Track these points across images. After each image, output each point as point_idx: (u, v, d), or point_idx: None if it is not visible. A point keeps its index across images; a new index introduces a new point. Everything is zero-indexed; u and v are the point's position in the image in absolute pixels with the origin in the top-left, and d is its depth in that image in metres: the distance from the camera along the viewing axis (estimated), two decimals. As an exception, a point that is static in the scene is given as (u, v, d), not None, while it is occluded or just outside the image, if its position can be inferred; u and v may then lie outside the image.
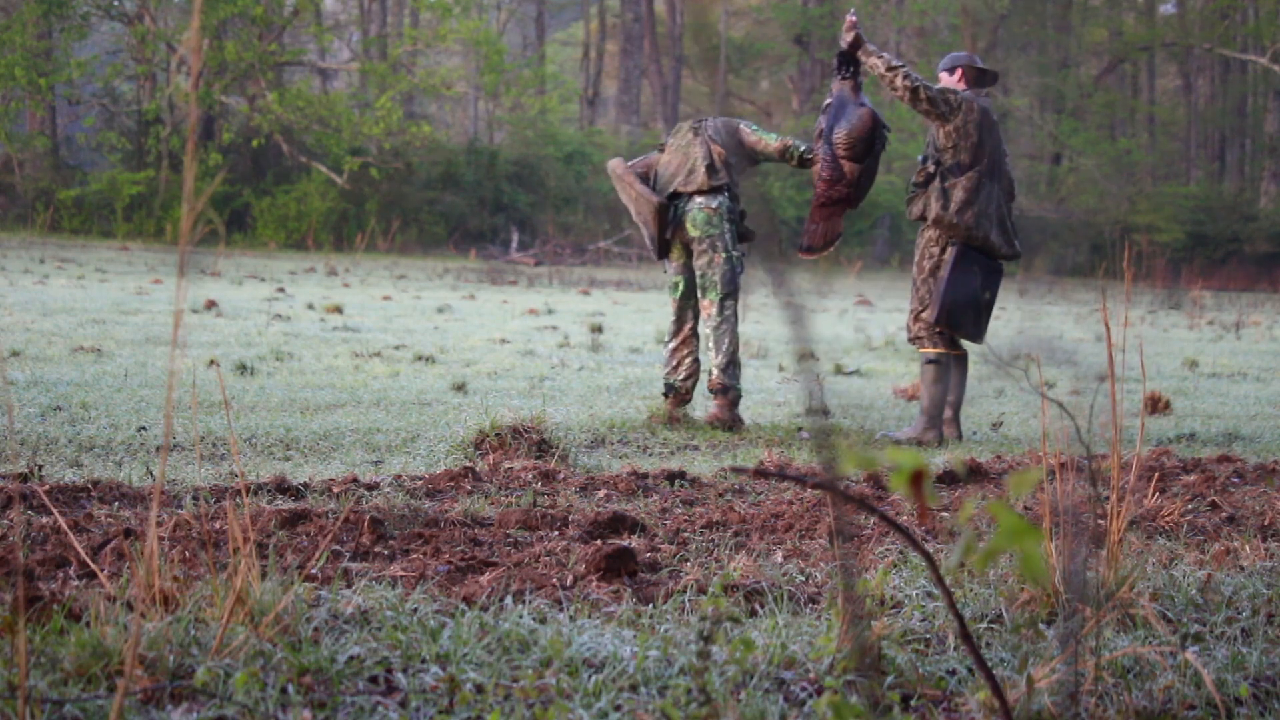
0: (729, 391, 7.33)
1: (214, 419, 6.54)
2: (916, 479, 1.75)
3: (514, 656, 2.79)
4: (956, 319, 7.18)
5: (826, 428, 3.15)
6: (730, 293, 7.37)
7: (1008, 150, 7.50)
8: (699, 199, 7.37)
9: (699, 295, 7.45)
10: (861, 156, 7.26)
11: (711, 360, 7.38)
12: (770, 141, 7.48)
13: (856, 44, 7.25)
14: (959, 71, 7.35)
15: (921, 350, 7.30)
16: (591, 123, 43.51)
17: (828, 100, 7.43)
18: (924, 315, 7.24)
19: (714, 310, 7.36)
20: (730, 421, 7.29)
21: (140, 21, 33.50)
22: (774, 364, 11.17)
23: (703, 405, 7.85)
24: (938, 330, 7.24)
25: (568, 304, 18.67)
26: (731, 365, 7.35)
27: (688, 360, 7.47)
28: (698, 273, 7.43)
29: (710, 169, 7.37)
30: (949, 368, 7.24)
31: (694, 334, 7.54)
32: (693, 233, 7.39)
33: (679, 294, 7.49)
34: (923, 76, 7.22)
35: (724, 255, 7.35)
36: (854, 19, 7.32)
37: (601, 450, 6.43)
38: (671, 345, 7.52)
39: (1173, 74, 48.26)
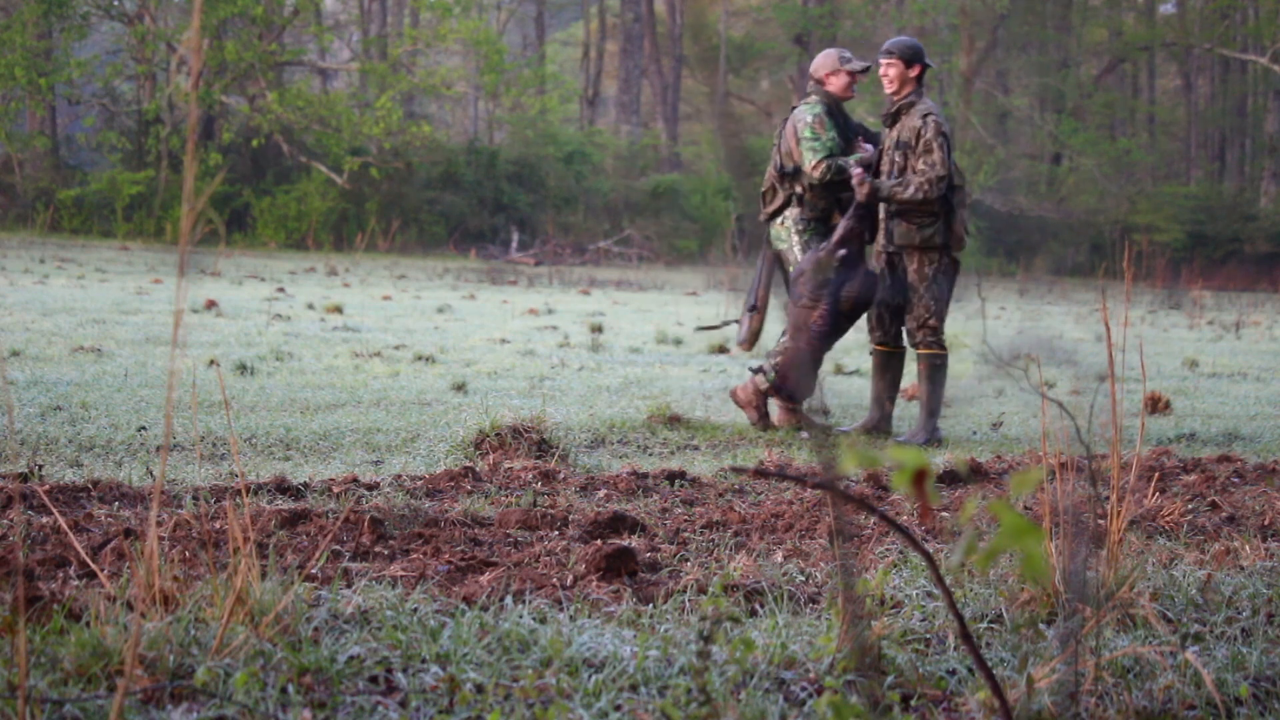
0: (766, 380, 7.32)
1: (214, 419, 6.53)
2: (919, 478, 1.75)
3: (514, 656, 2.79)
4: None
5: (826, 428, 3.15)
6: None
7: None
8: (772, 221, 7.57)
9: None
10: (842, 315, 7.22)
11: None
12: (805, 164, 7.42)
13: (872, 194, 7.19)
14: (917, 67, 7.34)
15: (921, 352, 7.34)
16: (591, 122, 43.52)
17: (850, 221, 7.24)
18: (932, 322, 7.27)
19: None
20: (793, 422, 7.35)
21: (140, 21, 33.51)
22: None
23: (704, 406, 7.90)
24: (934, 332, 7.32)
25: (568, 304, 18.68)
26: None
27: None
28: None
29: (763, 194, 7.57)
30: (943, 368, 7.33)
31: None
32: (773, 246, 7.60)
33: None
34: (935, 167, 7.09)
35: (789, 267, 7.52)
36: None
37: (601, 450, 6.43)
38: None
39: (1173, 74, 48.28)
